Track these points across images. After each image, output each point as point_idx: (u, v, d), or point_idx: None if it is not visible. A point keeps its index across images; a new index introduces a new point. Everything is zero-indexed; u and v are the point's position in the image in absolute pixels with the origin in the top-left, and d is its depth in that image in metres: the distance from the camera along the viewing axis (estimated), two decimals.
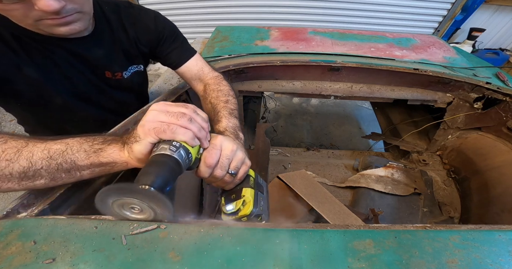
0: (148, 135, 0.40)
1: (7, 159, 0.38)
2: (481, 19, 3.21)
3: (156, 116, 0.41)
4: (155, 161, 0.38)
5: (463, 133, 1.19)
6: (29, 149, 0.40)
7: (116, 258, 0.33)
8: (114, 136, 0.45)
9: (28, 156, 0.39)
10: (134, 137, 0.41)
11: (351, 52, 1.21)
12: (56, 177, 0.41)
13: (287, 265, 0.32)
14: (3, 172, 0.38)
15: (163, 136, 0.40)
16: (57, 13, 0.49)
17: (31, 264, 0.33)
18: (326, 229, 0.37)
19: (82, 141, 0.43)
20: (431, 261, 0.32)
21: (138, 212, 0.38)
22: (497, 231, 0.37)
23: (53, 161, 0.40)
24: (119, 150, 0.43)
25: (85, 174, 0.43)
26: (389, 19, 3.09)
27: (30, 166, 0.39)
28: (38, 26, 0.52)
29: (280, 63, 1.07)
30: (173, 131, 0.40)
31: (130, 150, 0.41)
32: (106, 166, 0.43)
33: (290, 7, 3.03)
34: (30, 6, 0.47)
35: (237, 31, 1.45)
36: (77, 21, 0.55)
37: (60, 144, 0.41)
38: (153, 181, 0.35)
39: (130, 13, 0.71)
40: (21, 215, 0.42)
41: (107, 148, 0.42)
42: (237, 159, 0.48)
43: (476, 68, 1.17)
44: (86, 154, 0.41)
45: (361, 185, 1.08)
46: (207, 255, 0.34)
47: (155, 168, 0.36)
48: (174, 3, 3.07)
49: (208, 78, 0.79)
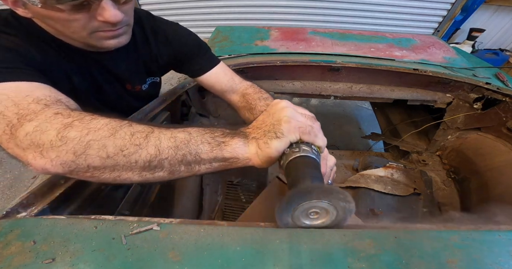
0: (292, 133, 0.38)
1: (136, 144, 0.35)
2: (481, 20, 3.21)
3: (295, 115, 0.39)
4: (307, 163, 0.36)
5: (463, 133, 1.19)
6: (155, 135, 0.37)
7: (116, 258, 0.33)
8: (228, 129, 0.41)
9: (156, 143, 0.36)
10: (274, 132, 0.38)
11: (351, 52, 1.21)
12: (175, 170, 0.38)
13: (287, 265, 0.32)
14: (129, 159, 0.35)
15: (305, 138, 0.39)
16: (114, 25, 0.49)
17: (30, 264, 0.33)
18: (326, 229, 0.37)
19: (202, 131, 0.39)
20: (431, 261, 0.32)
21: (316, 217, 0.35)
22: (497, 231, 0.37)
23: (179, 151, 0.37)
24: (244, 145, 0.39)
25: (203, 168, 0.39)
26: (389, 20, 3.09)
27: (157, 155, 0.36)
28: (90, 38, 0.51)
29: (280, 63, 1.07)
30: (315, 134, 0.39)
31: (264, 146, 0.38)
32: (226, 161, 0.39)
33: (290, 7, 3.03)
34: (91, 17, 0.47)
35: (237, 31, 1.45)
36: (124, 34, 0.55)
37: (183, 133, 0.38)
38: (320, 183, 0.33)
39: (152, 25, 0.69)
40: (21, 215, 0.42)
41: (231, 142, 0.39)
42: (334, 170, 0.48)
43: (476, 69, 1.18)
44: (210, 146, 0.38)
45: (361, 185, 1.08)
46: (207, 255, 0.34)
47: (313, 170, 0.34)
48: (174, 3, 3.07)
49: (244, 88, 0.74)
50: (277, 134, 0.38)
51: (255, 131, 0.40)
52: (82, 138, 0.35)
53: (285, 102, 0.42)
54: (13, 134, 0.36)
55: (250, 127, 0.42)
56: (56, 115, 0.37)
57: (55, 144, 0.34)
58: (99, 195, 0.56)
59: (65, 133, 0.35)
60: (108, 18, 0.46)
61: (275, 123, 0.39)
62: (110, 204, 0.61)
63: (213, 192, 1.28)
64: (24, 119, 0.36)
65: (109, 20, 0.47)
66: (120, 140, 0.35)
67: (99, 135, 0.35)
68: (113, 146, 0.35)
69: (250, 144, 0.39)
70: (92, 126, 0.36)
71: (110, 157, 0.35)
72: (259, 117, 0.44)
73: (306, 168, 0.35)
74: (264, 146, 0.38)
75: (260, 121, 0.42)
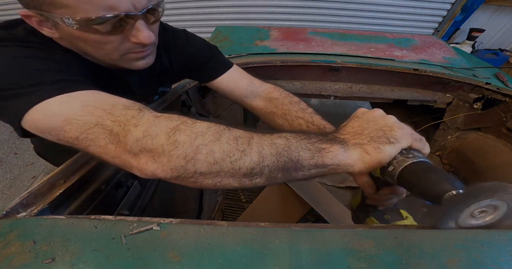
0: (405, 140, 0.38)
1: (241, 150, 0.34)
2: (480, 20, 3.22)
3: (398, 122, 0.40)
4: (429, 168, 0.35)
5: (463, 133, 1.19)
6: (257, 141, 0.35)
7: (116, 258, 0.33)
8: (321, 135, 0.40)
9: (259, 149, 0.35)
10: (386, 138, 0.38)
11: (351, 53, 1.21)
12: (272, 177, 0.37)
13: (287, 265, 0.32)
14: (233, 165, 0.34)
15: (416, 145, 0.39)
16: (145, 46, 0.48)
17: (30, 264, 0.33)
18: (326, 229, 0.37)
19: (298, 138, 0.38)
20: (431, 261, 0.32)
21: (483, 215, 0.34)
22: (497, 231, 0.37)
23: (281, 158, 0.35)
24: (344, 151, 0.38)
25: (300, 175, 0.38)
26: (389, 19, 3.09)
27: (261, 162, 0.34)
28: (121, 60, 0.49)
29: (280, 63, 1.08)
30: (425, 142, 0.39)
31: (374, 151, 0.37)
32: (326, 168, 0.38)
33: (290, 7, 3.03)
34: (124, 39, 0.46)
35: (237, 31, 1.46)
36: (151, 54, 0.53)
37: (282, 139, 0.37)
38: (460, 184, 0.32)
39: (163, 37, 0.65)
40: (21, 215, 0.42)
41: (332, 148, 0.37)
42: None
43: (476, 69, 1.18)
44: (311, 153, 0.37)
45: None
46: (207, 255, 0.34)
47: (442, 173, 0.34)
48: (174, 3, 3.07)
49: (267, 92, 0.70)
50: (390, 140, 0.37)
51: (355, 137, 0.39)
52: (192, 143, 0.34)
53: (380, 110, 0.42)
54: (121, 142, 0.35)
55: (345, 133, 0.41)
56: (159, 118, 0.36)
57: (167, 148, 0.34)
58: (99, 195, 0.56)
59: (175, 137, 0.34)
60: (142, 40, 0.45)
61: (385, 129, 0.39)
62: (110, 204, 0.61)
63: (213, 192, 1.28)
64: (129, 125, 0.35)
65: (143, 42, 0.45)
66: (226, 145, 0.34)
67: (207, 140, 0.34)
68: (220, 151, 0.34)
69: (352, 149, 0.38)
70: (197, 130, 0.35)
71: (217, 162, 0.34)
72: (350, 124, 0.43)
73: (434, 172, 0.34)
74: (375, 151, 0.37)
75: (358, 128, 0.41)
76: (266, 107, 0.68)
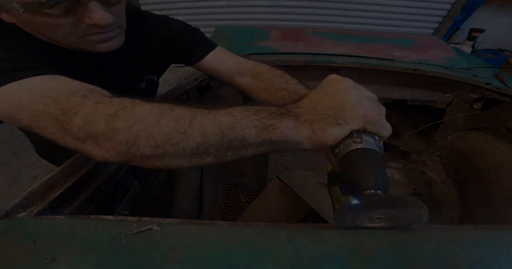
0: (356, 122, 0.34)
1: (181, 132, 0.34)
2: (480, 20, 3.22)
3: (361, 100, 0.35)
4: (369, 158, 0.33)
5: (463, 133, 1.19)
6: (198, 121, 0.35)
7: (116, 258, 0.33)
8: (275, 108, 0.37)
9: (200, 130, 0.34)
10: (334, 118, 0.34)
11: (351, 53, 1.21)
12: (221, 155, 0.36)
13: (287, 265, 0.32)
14: (177, 147, 0.34)
15: (370, 127, 0.35)
16: (105, 27, 0.47)
17: (30, 264, 0.33)
18: (326, 229, 0.37)
19: (246, 113, 0.36)
20: (431, 261, 0.32)
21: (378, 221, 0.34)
22: (497, 231, 0.37)
23: (225, 138, 0.34)
24: (295, 127, 0.35)
25: (249, 152, 0.37)
26: (389, 20, 3.09)
27: (204, 142, 0.34)
28: (79, 43, 0.49)
29: (280, 63, 1.07)
30: (382, 125, 0.35)
31: (320, 131, 0.34)
32: (274, 144, 0.36)
33: (290, 7, 3.03)
34: (78, 21, 0.44)
35: (237, 31, 1.46)
36: (116, 37, 0.52)
37: (227, 117, 0.35)
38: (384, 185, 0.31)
39: (143, 22, 0.65)
40: (21, 215, 0.42)
41: (280, 124, 0.35)
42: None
43: (476, 69, 1.18)
44: (257, 130, 0.35)
45: None
46: (207, 255, 0.34)
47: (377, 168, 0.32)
48: (174, 3, 3.07)
49: (253, 68, 0.69)
50: (338, 121, 0.34)
51: (309, 111, 0.36)
52: (130, 128, 0.34)
53: (347, 80, 0.38)
54: (66, 129, 0.36)
55: (301, 106, 0.37)
56: (98, 105, 0.36)
57: (108, 135, 0.34)
58: (99, 195, 0.56)
59: (113, 124, 0.34)
60: (97, 21, 0.44)
61: (337, 107, 0.35)
62: (110, 204, 0.61)
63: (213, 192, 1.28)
64: (70, 113, 0.36)
65: (97, 23, 0.44)
66: (165, 128, 0.34)
67: (145, 124, 0.34)
68: (160, 134, 0.34)
69: (302, 126, 0.35)
70: (136, 114, 0.35)
71: (159, 146, 0.34)
72: (312, 95, 0.39)
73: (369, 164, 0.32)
74: (321, 132, 0.34)
75: (316, 101, 0.37)
76: (252, 83, 0.68)
